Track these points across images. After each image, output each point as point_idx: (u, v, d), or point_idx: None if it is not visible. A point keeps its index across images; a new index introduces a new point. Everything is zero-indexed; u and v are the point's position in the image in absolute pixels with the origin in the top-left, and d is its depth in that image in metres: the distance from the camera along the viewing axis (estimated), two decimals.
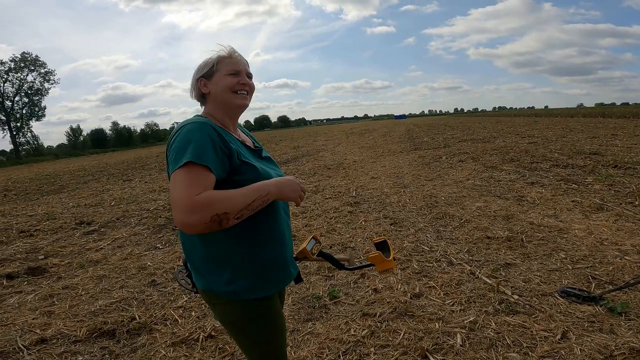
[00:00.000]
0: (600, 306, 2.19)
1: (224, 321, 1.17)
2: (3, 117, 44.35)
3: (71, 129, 64.75)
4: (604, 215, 3.99)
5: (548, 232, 3.61)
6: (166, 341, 2.26)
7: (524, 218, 4.11)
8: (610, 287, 2.44)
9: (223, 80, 1.11)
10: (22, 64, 45.04)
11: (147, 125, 72.72)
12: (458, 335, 2.07)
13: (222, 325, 1.21)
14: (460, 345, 1.99)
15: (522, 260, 3.05)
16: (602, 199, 4.55)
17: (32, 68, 45.92)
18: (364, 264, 1.42)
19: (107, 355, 2.18)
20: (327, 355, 2.02)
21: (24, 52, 46.45)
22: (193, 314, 2.59)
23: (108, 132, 63.46)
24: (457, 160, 8.77)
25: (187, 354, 2.12)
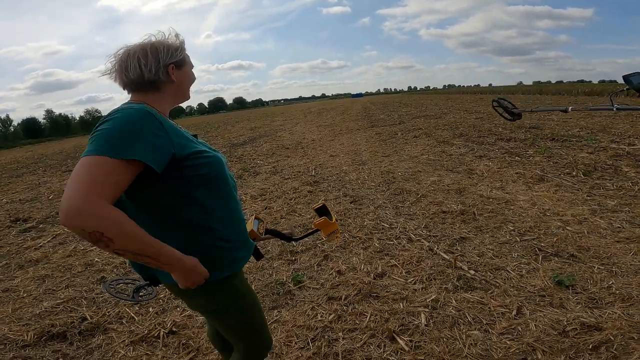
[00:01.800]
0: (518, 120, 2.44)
1: (204, 310, 1.17)
2: None
3: (0, 119, 58.88)
4: (545, 186, 4.27)
5: (497, 204, 3.81)
6: (124, 340, 2.14)
7: (475, 191, 4.32)
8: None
9: (191, 75, 1.11)
10: None
11: (87, 112, 68.69)
12: (422, 315, 2.14)
13: (202, 315, 1.18)
14: (425, 325, 2.05)
15: (475, 233, 3.21)
16: (543, 170, 4.87)
17: None
18: (309, 231, 1.50)
19: (60, 359, 2.05)
20: (296, 343, 2.01)
21: None
22: (151, 309, 2.46)
23: (42, 121, 59.22)
24: (411, 136, 9.01)
25: (148, 352, 2.02)
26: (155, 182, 0.96)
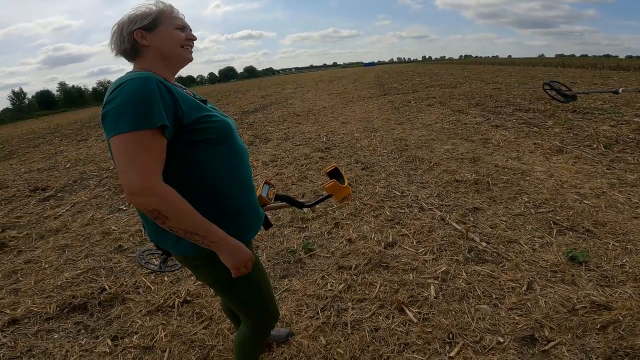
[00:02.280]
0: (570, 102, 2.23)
1: (210, 282, 1.18)
2: None
3: (14, 92, 60.76)
4: (564, 158, 4.12)
5: (512, 175, 3.71)
6: (141, 310, 2.21)
7: (490, 160, 4.20)
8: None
9: (171, 34, 1.06)
10: None
11: (100, 83, 69.99)
12: (432, 287, 2.13)
13: (209, 287, 1.17)
14: (434, 297, 2.05)
15: (488, 204, 3.14)
16: (562, 142, 4.68)
17: None
18: (321, 197, 1.43)
19: (82, 330, 2.10)
20: (305, 312, 2.05)
21: None
22: (166, 279, 2.52)
23: (55, 93, 60.09)
24: (425, 105, 8.74)
25: (164, 321, 2.08)
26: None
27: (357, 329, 1.89)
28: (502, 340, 1.72)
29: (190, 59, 1.13)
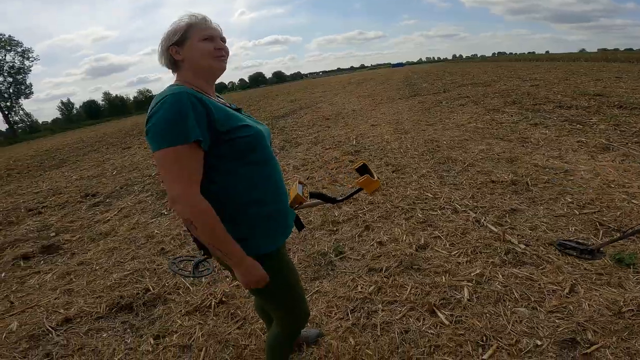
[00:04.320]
0: (599, 260, 2.13)
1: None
2: None
3: (62, 103, 65.09)
4: (610, 156, 3.89)
5: (554, 174, 3.55)
6: (181, 310, 2.31)
7: (529, 160, 4.03)
8: (613, 236, 2.39)
9: (199, 46, 1.10)
10: None
11: (140, 92, 74.33)
12: (465, 289, 2.09)
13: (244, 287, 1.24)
14: (468, 300, 2.01)
15: (527, 205, 3.02)
16: (608, 139, 4.42)
17: (9, 48, 45.34)
18: (352, 191, 1.51)
19: (128, 330, 2.22)
20: (335, 314, 2.07)
21: None
22: (203, 280, 2.62)
23: (101, 102, 63.84)
24: (457, 104, 8.53)
25: (201, 321, 2.18)
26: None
27: (387, 330, 1.89)
28: (540, 343, 1.67)
29: (220, 69, 1.15)
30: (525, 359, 1.60)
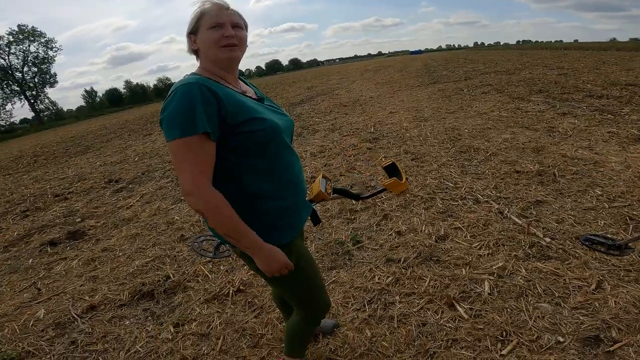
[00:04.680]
0: (627, 255, 2.04)
1: (262, 274, 1.21)
2: (17, 88, 46.01)
3: (86, 91, 66.89)
4: None
5: (583, 165, 3.40)
6: (200, 298, 2.34)
7: (556, 150, 3.87)
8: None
9: (206, 35, 1.06)
10: (21, 36, 45.70)
11: (160, 80, 75.93)
12: (486, 283, 2.04)
13: (261, 276, 1.26)
14: (489, 294, 1.96)
15: (554, 197, 2.91)
16: None
17: (32, 39, 46.55)
18: (377, 190, 1.47)
19: (149, 317, 2.25)
20: (352, 304, 2.07)
21: (19, 25, 46.94)
22: (222, 267, 2.66)
23: (122, 90, 65.43)
24: (480, 92, 8.27)
25: (219, 310, 2.20)
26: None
27: (404, 322, 1.87)
28: (562, 339, 1.62)
29: (228, 58, 1.08)
30: (545, 356, 1.56)
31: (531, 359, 1.55)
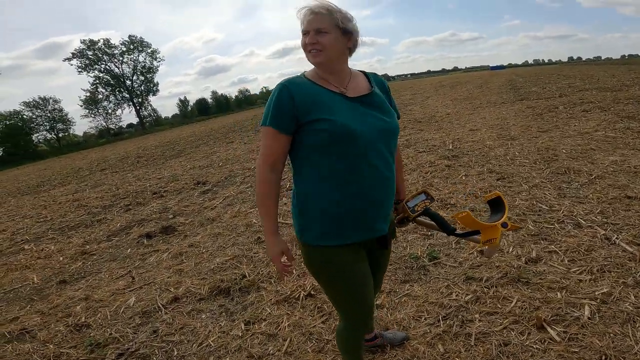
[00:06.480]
0: None
1: (305, 264, 1.27)
2: (127, 95, 51.10)
3: (180, 100, 73.14)
4: None
5: None
6: (271, 299, 2.37)
7: None
8: None
9: (301, 41, 1.17)
10: (132, 46, 50.40)
11: (240, 91, 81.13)
12: (586, 307, 1.81)
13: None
14: (588, 318, 1.74)
15: None
16: None
17: (140, 49, 51.28)
18: (473, 230, 1.19)
19: (224, 313, 2.33)
20: (425, 318, 1.95)
21: (130, 35, 51.75)
22: (294, 271, 2.65)
23: (209, 100, 70.58)
24: (579, 110, 7.37)
25: (288, 312, 2.21)
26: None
27: (482, 341, 1.72)
28: None
29: (313, 63, 1.16)
30: None
31: None
